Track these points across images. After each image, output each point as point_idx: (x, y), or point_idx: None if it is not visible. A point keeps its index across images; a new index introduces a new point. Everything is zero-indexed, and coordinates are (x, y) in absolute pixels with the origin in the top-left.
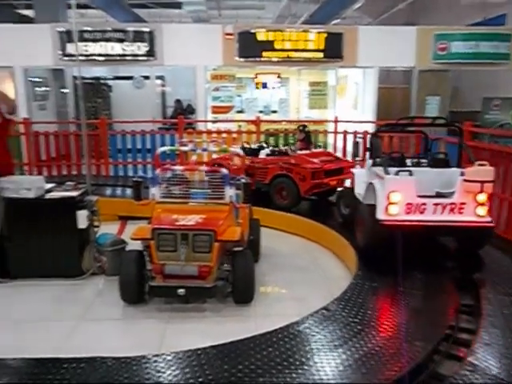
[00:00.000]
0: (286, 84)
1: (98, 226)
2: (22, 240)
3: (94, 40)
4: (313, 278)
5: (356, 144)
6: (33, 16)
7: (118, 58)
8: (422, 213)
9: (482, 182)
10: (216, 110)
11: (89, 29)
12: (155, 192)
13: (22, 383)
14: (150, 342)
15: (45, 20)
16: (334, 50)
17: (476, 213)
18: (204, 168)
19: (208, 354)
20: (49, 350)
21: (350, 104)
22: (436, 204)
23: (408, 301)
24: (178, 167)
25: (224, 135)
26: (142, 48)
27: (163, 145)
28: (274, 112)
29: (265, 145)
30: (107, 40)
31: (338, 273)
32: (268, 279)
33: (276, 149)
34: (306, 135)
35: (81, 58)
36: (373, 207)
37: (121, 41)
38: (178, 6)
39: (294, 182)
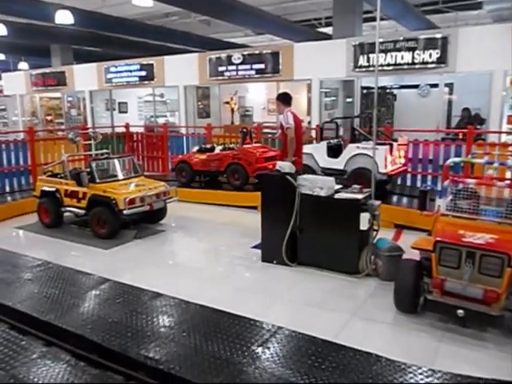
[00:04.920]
0: None
1: (377, 230)
2: (310, 232)
3: (385, 51)
4: None
5: None
6: (330, 33)
7: (406, 66)
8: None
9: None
10: None
11: (381, 40)
12: (441, 204)
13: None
14: (420, 355)
15: (341, 35)
16: None
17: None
18: (503, 184)
19: None
20: (323, 334)
21: None
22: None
23: None
24: (471, 180)
25: None
26: (433, 55)
27: (447, 156)
28: None
29: (215, 145)
30: (398, 50)
31: None
32: None
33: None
34: (246, 135)
35: (371, 68)
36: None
37: (411, 49)
38: (477, 6)
39: (243, 166)
